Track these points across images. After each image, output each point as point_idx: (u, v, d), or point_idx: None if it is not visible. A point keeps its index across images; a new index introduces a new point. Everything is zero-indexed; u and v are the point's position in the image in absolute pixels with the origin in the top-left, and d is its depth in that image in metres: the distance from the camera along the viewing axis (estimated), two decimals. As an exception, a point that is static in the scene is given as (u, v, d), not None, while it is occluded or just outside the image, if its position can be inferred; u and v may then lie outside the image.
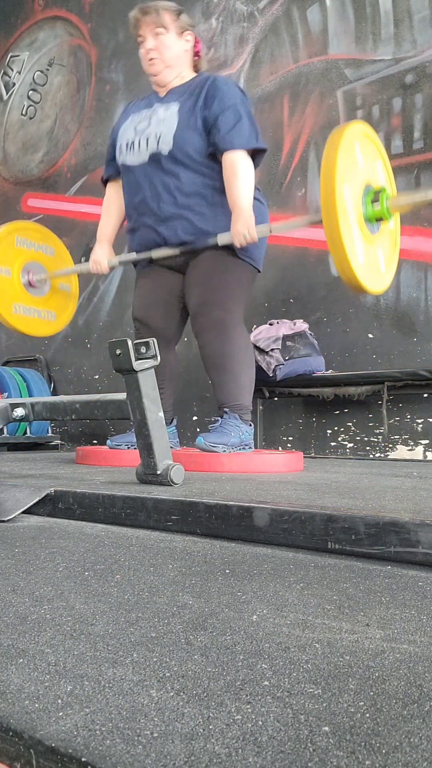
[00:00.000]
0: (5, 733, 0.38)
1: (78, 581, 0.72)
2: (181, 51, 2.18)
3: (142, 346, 1.40)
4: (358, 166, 1.65)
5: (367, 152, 1.69)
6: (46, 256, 2.64)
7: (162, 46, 2.15)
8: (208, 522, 1.01)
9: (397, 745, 0.35)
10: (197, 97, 2.12)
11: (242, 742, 0.36)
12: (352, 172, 1.60)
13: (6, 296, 2.51)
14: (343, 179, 1.55)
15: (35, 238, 2.61)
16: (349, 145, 1.61)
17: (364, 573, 0.77)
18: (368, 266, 1.66)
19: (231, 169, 2.04)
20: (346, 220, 1.55)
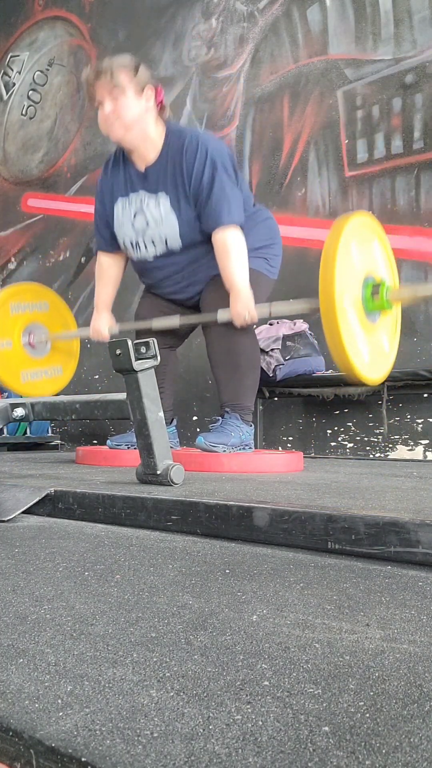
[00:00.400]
0: (5, 733, 0.38)
1: (78, 581, 0.72)
2: (142, 111, 2.00)
3: (142, 346, 1.40)
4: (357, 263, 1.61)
5: (368, 244, 1.66)
6: (43, 313, 2.62)
7: (121, 109, 1.98)
8: (208, 522, 1.01)
9: (397, 745, 0.35)
10: (181, 182, 2.03)
11: (242, 742, 0.36)
12: (351, 271, 1.57)
13: (12, 368, 2.51)
14: (343, 283, 1.52)
15: (28, 298, 2.59)
16: (348, 244, 1.58)
17: (364, 573, 0.77)
18: (370, 359, 1.67)
19: (222, 248, 2.00)
20: (348, 327, 1.54)
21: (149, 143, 2.06)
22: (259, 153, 3.49)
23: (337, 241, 1.53)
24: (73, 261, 4.32)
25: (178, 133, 2.07)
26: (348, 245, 1.55)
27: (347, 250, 1.54)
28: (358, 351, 1.61)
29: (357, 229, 1.62)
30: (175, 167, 2.03)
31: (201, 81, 3.76)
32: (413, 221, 2.94)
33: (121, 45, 4.12)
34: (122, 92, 1.98)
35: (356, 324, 1.60)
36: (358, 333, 1.60)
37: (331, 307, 1.50)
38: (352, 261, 1.58)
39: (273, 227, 2.27)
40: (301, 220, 3.30)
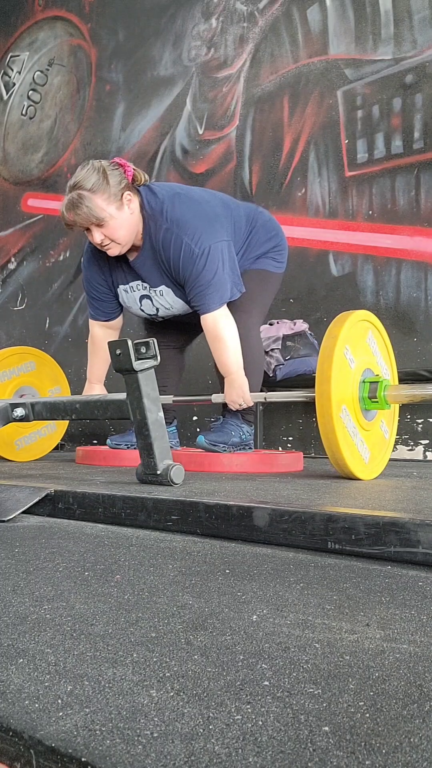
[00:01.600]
0: (5, 733, 0.38)
1: (78, 581, 0.72)
2: (130, 223, 1.93)
3: (142, 346, 1.40)
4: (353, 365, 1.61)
5: (359, 340, 1.64)
6: (29, 373, 2.60)
7: (111, 233, 1.91)
8: (208, 522, 1.01)
9: (397, 745, 0.35)
10: (174, 276, 2.00)
11: (242, 742, 0.36)
12: (346, 377, 1.57)
13: (6, 439, 2.49)
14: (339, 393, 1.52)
15: (13, 363, 2.55)
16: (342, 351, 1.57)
17: (364, 573, 0.77)
18: (371, 457, 1.67)
19: (213, 334, 1.98)
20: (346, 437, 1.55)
21: (137, 239, 2.01)
22: (259, 153, 3.49)
23: (333, 350, 1.53)
24: (73, 261, 4.32)
25: (153, 218, 1.97)
26: (342, 353, 1.54)
27: (342, 359, 1.54)
28: (358, 457, 1.63)
29: (350, 331, 1.61)
30: (161, 263, 2.00)
31: (201, 81, 3.76)
32: (413, 221, 2.94)
33: (121, 45, 4.12)
34: (104, 224, 1.89)
35: (355, 430, 1.62)
36: (357, 438, 1.62)
37: (330, 424, 1.51)
38: (348, 368, 1.57)
39: (274, 226, 2.25)
40: (301, 220, 3.30)
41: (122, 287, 2.15)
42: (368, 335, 1.69)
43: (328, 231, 3.21)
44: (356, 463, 1.59)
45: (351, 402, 1.58)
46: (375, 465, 1.71)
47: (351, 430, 1.58)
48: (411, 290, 2.96)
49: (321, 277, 3.24)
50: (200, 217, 1.96)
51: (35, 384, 2.60)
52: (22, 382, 2.56)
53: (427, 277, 2.92)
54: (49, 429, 2.68)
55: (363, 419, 1.63)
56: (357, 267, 3.12)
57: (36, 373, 2.62)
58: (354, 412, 1.60)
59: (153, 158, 3.92)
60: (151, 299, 2.12)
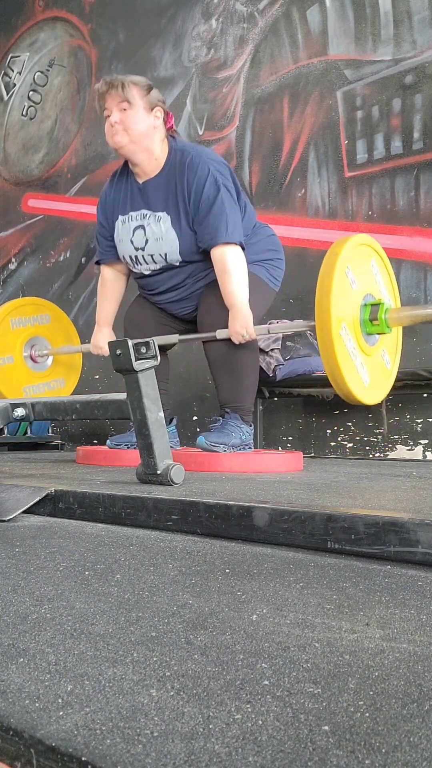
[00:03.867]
0: (5, 732, 0.38)
1: (78, 581, 0.72)
2: (149, 127, 2.03)
3: (142, 346, 1.40)
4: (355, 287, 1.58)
5: (363, 264, 1.61)
6: (44, 326, 2.63)
7: (128, 119, 2.01)
8: (208, 522, 1.01)
9: (397, 745, 0.35)
10: (182, 199, 2.04)
11: (242, 742, 0.36)
12: (347, 297, 1.53)
13: (15, 384, 2.51)
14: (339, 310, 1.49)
15: (28, 312, 2.59)
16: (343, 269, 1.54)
17: (364, 573, 0.77)
18: (371, 381, 1.64)
19: (221, 266, 2.00)
20: (345, 354, 1.51)
21: (152, 159, 2.08)
22: (259, 153, 3.49)
23: (334, 266, 1.50)
24: (74, 261, 4.32)
25: (180, 151, 2.08)
26: (343, 272, 1.52)
27: (343, 277, 1.51)
28: (357, 377, 1.59)
29: (352, 252, 1.59)
30: (176, 185, 2.05)
31: (201, 81, 3.76)
32: (413, 221, 2.94)
33: (122, 46, 4.12)
34: (131, 105, 2.01)
35: (355, 350, 1.57)
36: (357, 359, 1.58)
37: (328, 338, 1.48)
38: (348, 287, 1.55)
39: (276, 243, 2.29)
40: (301, 220, 3.30)
41: (120, 218, 2.18)
42: (371, 262, 1.67)
43: (328, 231, 3.21)
44: (355, 383, 1.55)
45: (351, 322, 1.54)
46: (375, 390, 1.66)
47: (351, 350, 1.54)
48: (411, 290, 2.96)
49: (321, 277, 3.24)
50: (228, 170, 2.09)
51: (48, 337, 2.63)
52: (36, 333, 2.60)
53: (427, 277, 2.92)
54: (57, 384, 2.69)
55: (364, 343, 1.59)
56: (357, 267, 3.12)
57: (50, 327, 2.65)
58: (354, 333, 1.56)
59: (153, 159, 3.92)
60: (144, 229, 2.12)
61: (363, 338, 1.58)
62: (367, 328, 1.59)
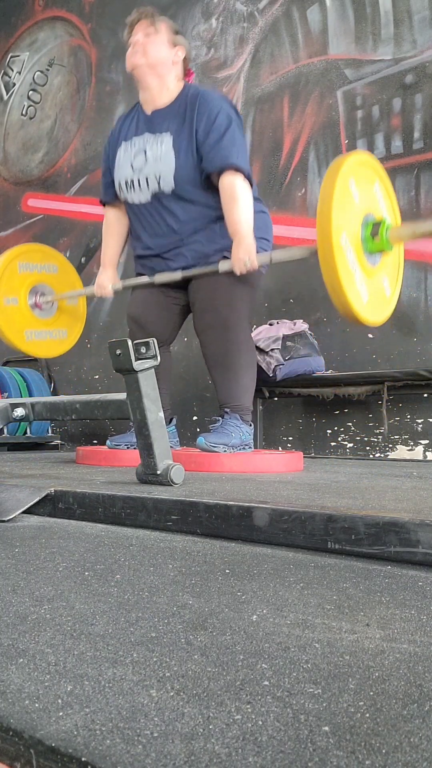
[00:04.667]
0: (5, 732, 0.38)
1: (78, 581, 0.72)
2: (168, 59, 2.12)
3: (142, 346, 1.40)
4: (357, 200, 1.56)
5: (366, 183, 1.60)
6: (50, 275, 2.63)
7: (149, 43, 2.11)
8: (208, 522, 1.01)
9: (397, 745, 0.35)
10: (189, 124, 2.06)
11: (242, 742, 0.36)
12: (349, 208, 1.51)
13: (17, 326, 2.51)
14: (340, 217, 1.47)
15: (37, 259, 2.60)
16: (346, 180, 1.53)
17: (364, 573, 0.77)
18: (369, 300, 1.61)
19: (230, 193, 2.01)
20: (344, 264, 1.48)
21: (164, 88, 2.14)
22: (259, 153, 3.49)
23: (335, 179, 1.48)
24: (74, 261, 4.30)
25: (195, 89, 2.15)
26: (346, 183, 1.50)
27: (345, 188, 1.49)
28: (356, 291, 1.55)
29: (356, 168, 1.58)
30: (185, 113, 2.09)
31: (201, 81, 3.76)
32: (413, 221, 2.94)
33: (121, 45, 4.12)
34: (156, 32, 2.12)
35: (355, 264, 1.54)
36: (356, 273, 1.55)
37: (328, 244, 1.45)
38: (351, 199, 1.52)
39: (267, 222, 2.25)
40: (301, 220, 3.30)
41: (124, 144, 2.21)
42: (375, 184, 1.66)
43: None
44: (354, 295, 1.53)
45: (352, 234, 1.53)
46: (373, 310, 1.64)
47: (351, 262, 1.52)
48: (411, 290, 2.96)
49: (321, 277, 3.24)
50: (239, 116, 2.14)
51: (54, 286, 2.63)
52: (42, 280, 2.60)
53: (427, 277, 2.92)
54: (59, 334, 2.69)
55: (365, 261, 1.57)
56: (357, 267, 3.12)
57: (57, 277, 2.65)
58: (355, 247, 1.54)
59: (153, 158, 3.92)
60: (146, 152, 2.13)
61: (364, 256, 1.56)
62: (368, 245, 1.57)
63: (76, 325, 2.74)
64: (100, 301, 4.05)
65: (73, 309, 2.71)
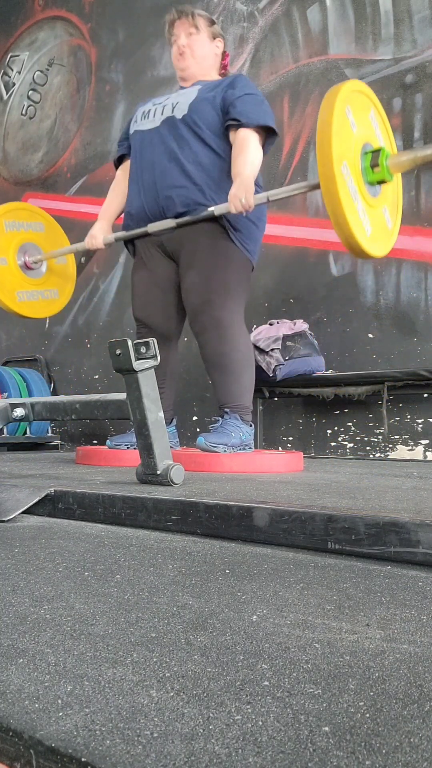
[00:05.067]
0: (5, 733, 0.38)
1: (78, 581, 0.72)
2: (211, 53, 2.28)
3: (142, 346, 1.40)
4: (354, 129, 1.54)
5: (362, 112, 1.58)
6: (38, 233, 2.60)
7: (194, 43, 2.25)
8: (208, 522, 1.01)
9: (397, 745, 0.35)
10: (220, 84, 2.18)
11: (242, 742, 0.36)
12: (348, 137, 1.50)
13: (8, 286, 2.48)
14: (340, 147, 1.45)
15: (23, 217, 2.57)
16: (343, 108, 1.51)
17: (364, 573, 0.77)
18: (372, 232, 1.59)
19: (242, 143, 2.04)
20: (346, 194, 1.46)
21: (207, 78, 2.28)
22: (259, 153, 3.49)
23: (333, 106, 1.48)
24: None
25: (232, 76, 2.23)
26: (343, 111, 1.49)
27: (343, 116, 1.48)
28: (359, 222, 1.54)
29: (352, 96, 1.57)
30: (220, 82, 2.18)
31: (201, 81, 3.76)
32: (413, 221, 2.94)
33: (121, 45, 4.12)
34: (198, 31, 2.25)
35: (357, 195, 1.53)
36: (359, 204, 1.54)
37: (330, 174, 1.44)
38: (349, 127, 1.51)
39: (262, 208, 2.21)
40: (301, 220, 3.30)
41: (155, 101, 2.29)
42: (371, 113, 1.65)
43: (328, 231, 3.21)
44: (357, 227, 1.52)
45: (352, 163, 1.53)
46: (376, 243, 1.64)
47: (353, 192, 1.52)
48: (411, 290, 2.96)
49: (321, 277, 3.24)
50: None
51: (42, 245, 2.60)
52: (29, 238, 2.57)
53: (427, 277, 2.92)
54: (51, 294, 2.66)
55: (366, 192, 1.56)
56: (357, 267, 3.12)
57: (44, 235, 2.63)
58: (355, 176, 1.53)
59: (153, 158, 3.92)
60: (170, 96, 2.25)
61: (365, 187, 1.55)
62: (368, 176, 1.56)
63: (66, 285, 2.71)
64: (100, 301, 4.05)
65: (62, 268, 2.68)
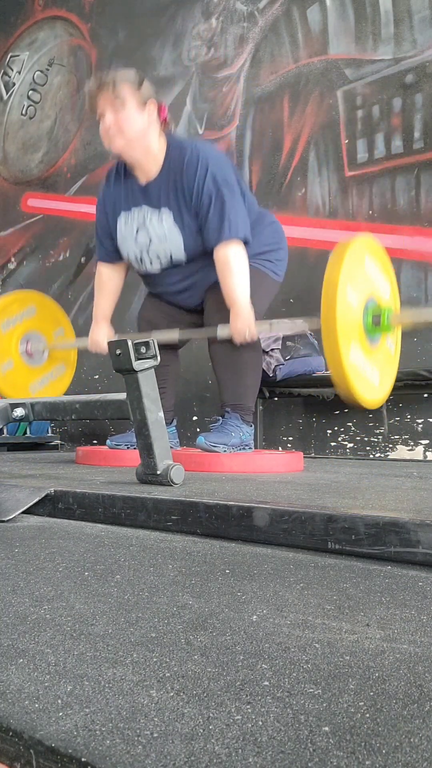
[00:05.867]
0: (5, 733, 0.38)
1: (78, 581, 0.72)
2: (144, 126, 1.99)
3: (142, 346, 1.40)
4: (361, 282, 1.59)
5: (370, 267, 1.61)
6: (32, 318, 2.59)
7: (122, 121, 1.96)
8: (208, 522, 1.01)
9: (397, 745, 0.35)
10: (182, 196, 2.02)
11: (242, 742, 0.36)
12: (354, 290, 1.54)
13: (20, 386, 2.49)
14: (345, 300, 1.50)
15: (14, 310, 2.54)
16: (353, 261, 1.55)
17: (364, 573, 0.77)
18: (366, 380, 1.66)
19: (223, 265, 1.97)
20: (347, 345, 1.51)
21: (150, 157, 2.04)
22: (259, 153, 3.49)
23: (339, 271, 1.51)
24: (73, 261, 4.32)
25: (179, 147, 2.04)
26: (345, 293, 1.53)
27: (346, 300, 1.53)
28: (369, 385, 1.62)
29: (359, 253, 1.60)
30: (176, 183, 2.02)
31: (201, 81, 3.76)
32: (413, 221, 2.94)
33: (121, 45, 4.12)
34: (123, 105, 1.96)
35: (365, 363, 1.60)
36: (366, 369, 1.61)
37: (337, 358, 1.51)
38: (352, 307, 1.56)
39: (278, 231, 2.26)
40: (301, 220, 3.30)
41: (123, 215, 2.15)
42: (365, 263, 1.67)
43: (328, 231, 3.21)
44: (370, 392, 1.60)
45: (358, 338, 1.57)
46: (385, 383, 1.71)
47: (361, 366, 1.57)
48: (411, 290, 2.96)
49: (321, 277, 3.23)
50: (226, 162, 2.08)
51: (40, 328, 2.60)
52: (26, 328, 2.56)
53: (427, 277, 2.92)
54: (59, 371, 2.67)
55: (369, 347, 1.61)
56: (357, 267, 3.12)
57: (38, 317, 2.62)
58: (362, 345, 1.58)
59: (153, 158, 3.92)
60: (147, 228, 2.10)
61: (368, 343, 1.61)
62: (371, 332, 1.61)
63: (70, 356, 2.73)
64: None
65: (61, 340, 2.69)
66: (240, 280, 1.97)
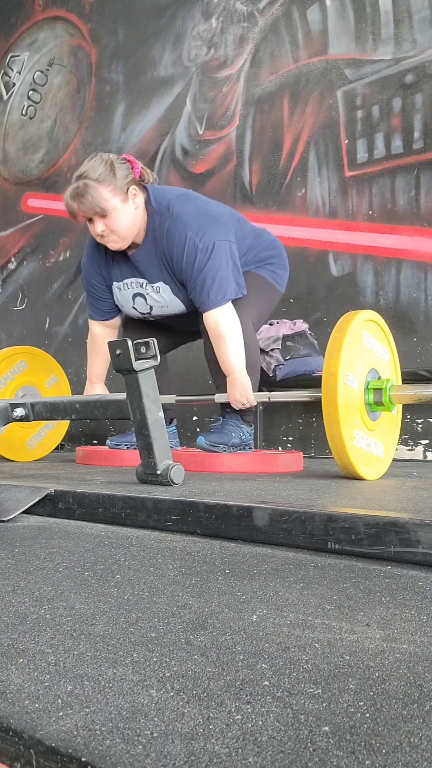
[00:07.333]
0: (5, 733, 0.38)
1: (78, 581, 0.72)
2: (133, 216, 1.94)
3: (142, 346, 1.40)
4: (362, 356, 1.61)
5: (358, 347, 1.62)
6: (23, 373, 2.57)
7: (113, 224, 1.91)
8: (208, 522, 1.01)
9: (397, 745, 0.35)
10: (171, 270, 2.00)
11: (242, 742, 0.36)
12: (355, 365, 1.56)
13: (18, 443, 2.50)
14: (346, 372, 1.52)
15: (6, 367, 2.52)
16: (355, 336, 1.57)
17: (364, 573, 0.77)
18: (370, 456, 1.67)
19: (215, 332, 1.95)
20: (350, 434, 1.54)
21: (139, 232, 2.01)
22: (259, 153, 3.49)
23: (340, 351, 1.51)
24: (73, 261, 4.31)
25: (159, 215, 1.97)
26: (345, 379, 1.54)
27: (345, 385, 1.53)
28: (376, 462, 1.66)
29: (360, 328, 1.62)
30: (164, 256, 1.99)
31: (201, 81, 3.76)
32: (413, 221, 2.94)
33: (121, 45, 4.12)
34: (108, 209, 1.89)
35: (369, 445, 1.63)
36: (371, 449, 1.64)
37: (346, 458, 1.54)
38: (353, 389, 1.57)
39: (277, 245, 2.25)
40: (301, 220, 3.30)
41: (116, 284, 2.14)
42: (363, 338, 1.67)
43: (328, 231, 3.21)
44: (374, 467, 1.64)
45: (361, 418, 1.61)
46: (389, 448, 1.75)
47: (365, 447, 1.61)
48: (411, 290, 2.96)
49: (321, 277, 3.24)
50: (205, 215, 1.97)
51: (32, 381, 2.59)
52: (19, 384, 2.55)
53: (427, 277, 2.92)
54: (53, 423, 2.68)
55: (371, 424, 1.64)
56: (357, 267, 3.12)
57: (29, 370, 2.60)
58: (365, 424, 1.62)
59: (153, 158, 3.92)
60: (145, 297, 2.10)
61: (369, 421, 1.64)
62: (372, 409, 1.65)
63: None
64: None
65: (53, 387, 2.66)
66: (233, 346, 1.94)
